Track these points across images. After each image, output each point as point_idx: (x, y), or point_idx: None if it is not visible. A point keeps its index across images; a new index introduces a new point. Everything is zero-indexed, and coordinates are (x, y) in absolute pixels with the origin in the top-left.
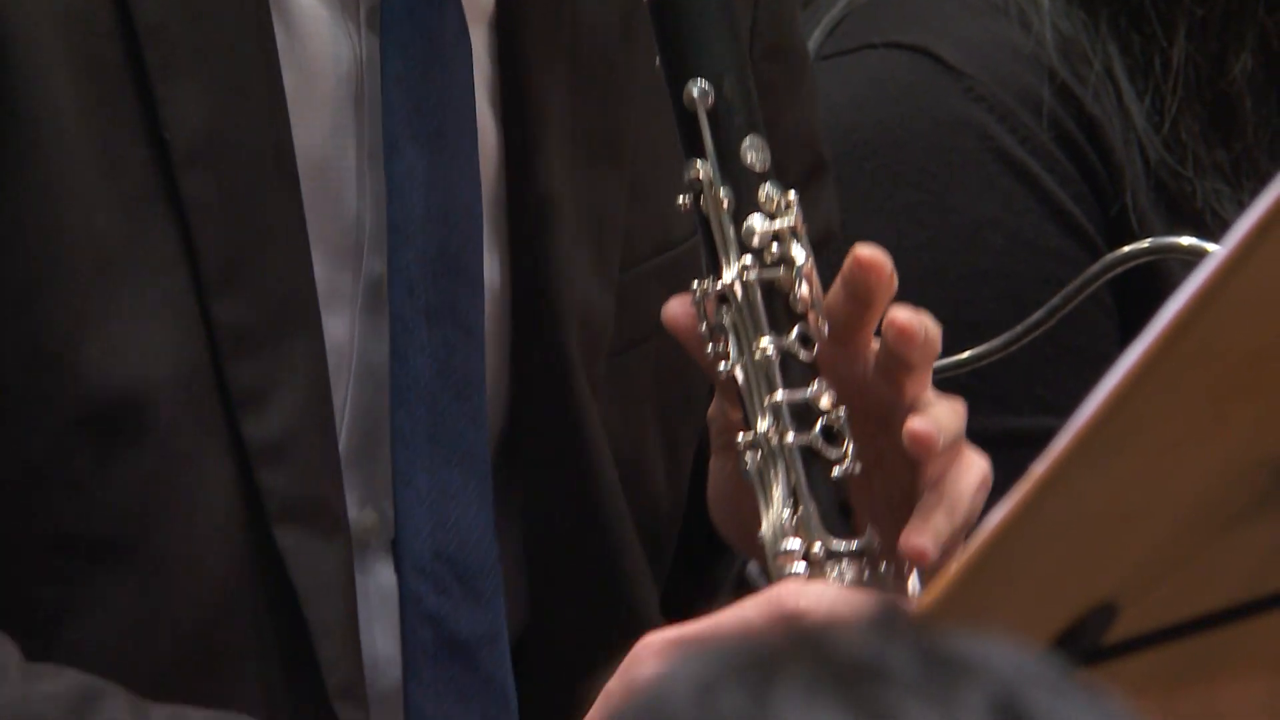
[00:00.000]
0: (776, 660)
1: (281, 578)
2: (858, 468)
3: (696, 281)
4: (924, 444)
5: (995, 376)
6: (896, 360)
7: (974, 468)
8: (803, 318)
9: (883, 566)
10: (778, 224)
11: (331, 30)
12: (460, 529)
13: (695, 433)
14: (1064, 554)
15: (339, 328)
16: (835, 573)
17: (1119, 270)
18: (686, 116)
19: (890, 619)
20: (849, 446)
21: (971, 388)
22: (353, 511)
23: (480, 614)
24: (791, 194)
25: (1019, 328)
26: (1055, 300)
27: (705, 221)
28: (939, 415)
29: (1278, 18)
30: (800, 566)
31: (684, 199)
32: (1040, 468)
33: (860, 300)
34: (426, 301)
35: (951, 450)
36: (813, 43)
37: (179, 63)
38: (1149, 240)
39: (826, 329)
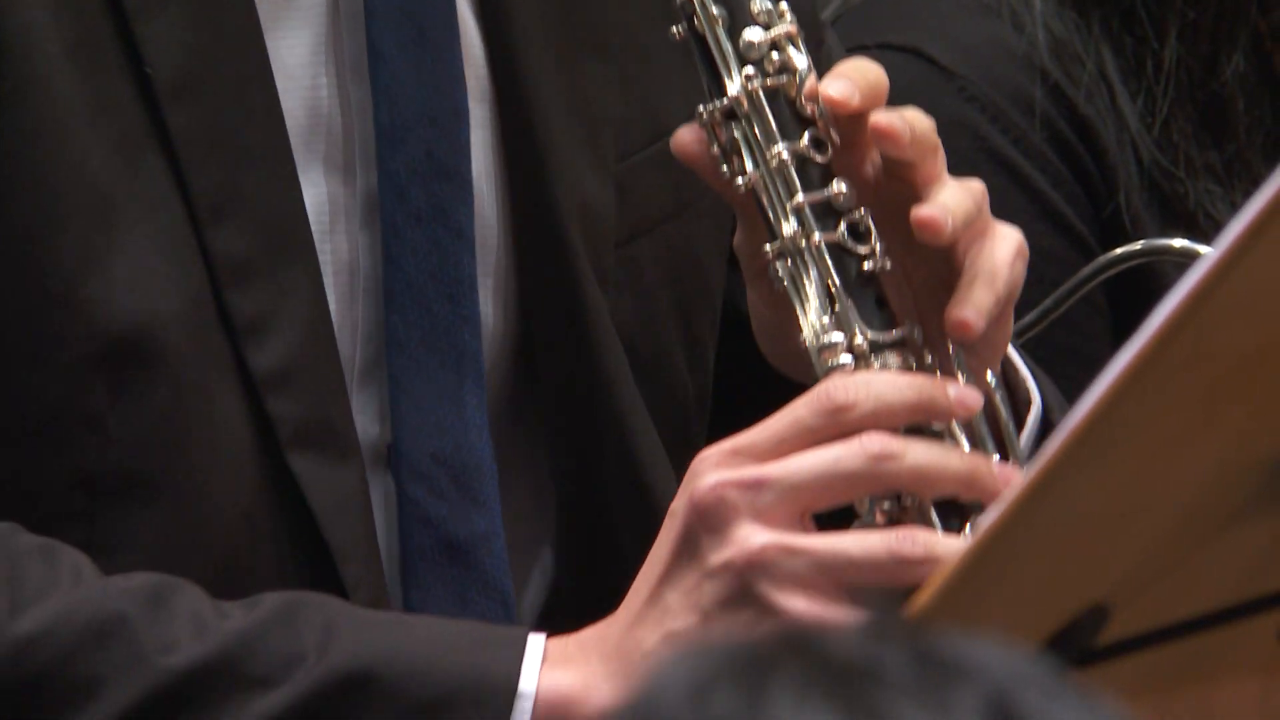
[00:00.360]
0: (770, 661)
1: (299, 503)
2: (888, 263)
3: (701, 105)
4: (931, 228)
5: None
6: (895, 159)
7: (1007, 239)
8: (812, 122)
9: (927, 357)
10: (774, 32)
11: None
12: (456, 432)
13: (714, 322)
14: (1056, 556)
15: (343, 247)
16: (880, 364)
17: (1112, 272)
18: None
19: (884, 621)
20: (876, 241)
21: None
22: (372, 429)
23: (478, 515)
24: (783, 3)
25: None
26: (1048, 302)
27: (701, 42)
28: (946, 198)
29: (1270, 19)
30: (846, 358)
31: (676, 29)
32: (1033, 470)
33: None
34: (416, 205)
35: (978, 226)
36: None
37: (158, 2)
38: (1142, 242)
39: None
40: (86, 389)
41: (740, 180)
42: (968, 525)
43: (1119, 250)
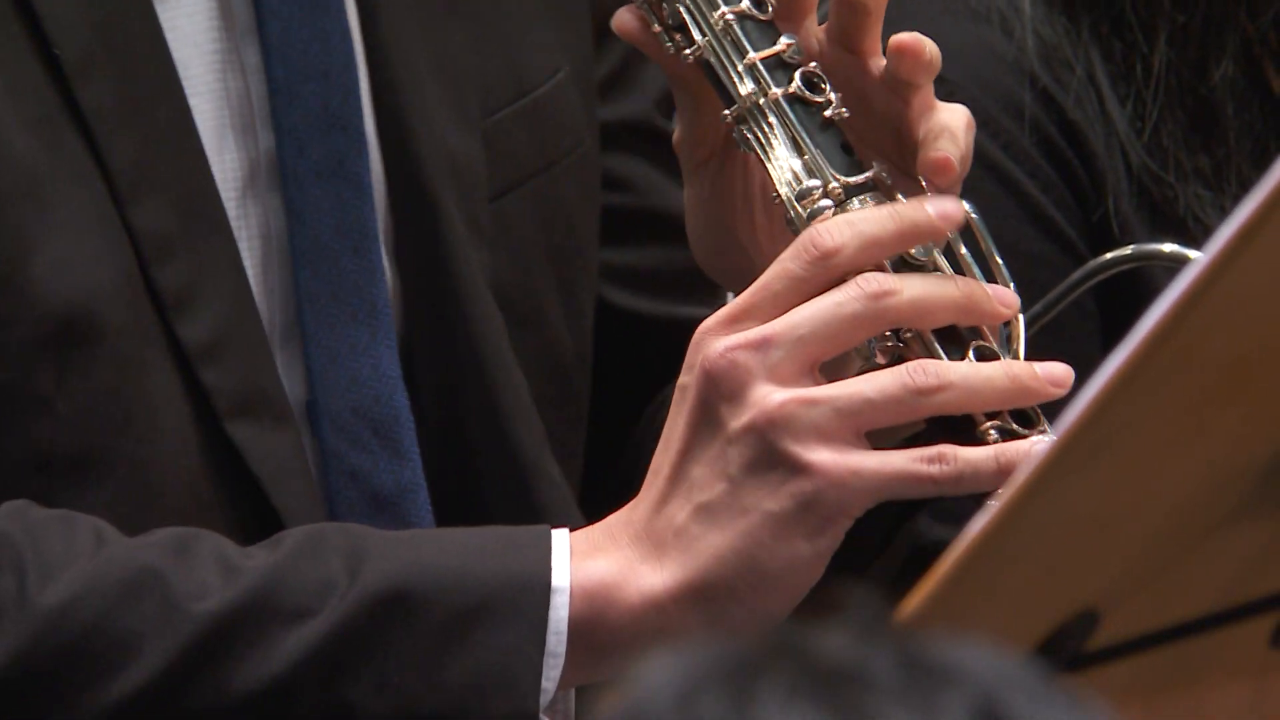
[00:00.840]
0: (758, 665)
1: (244, 471)
2: (845, 110)
3: None
4: (943, 171)
5: None
6: (902, 78)
7: (957, 110)
8: None
9: (899, 197)
10: None
11: None
12: (373, 384)
13: (591, 276)
14: (1046, 560)
15: (254, 211)
16: (859, 205)
17: (1102, 277)
18: None
19: (871, 624)
20: (830, 91)
21: None
22: (297, 390)
23: (399, 466)
24: None
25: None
26: (1038, 306)
27: None
28: (945, 137)
29: (1259, 24)
30: (826, 203)
31: None
32: (1022, 474)
33: (859, 8)
34: (316, 160)
35: (926, 99)
36: None
37: None
38: (1131, 247)
39: None
40: (35, 371)
41: (689, 51)
42: (969, 352)
43: (1109, 255)
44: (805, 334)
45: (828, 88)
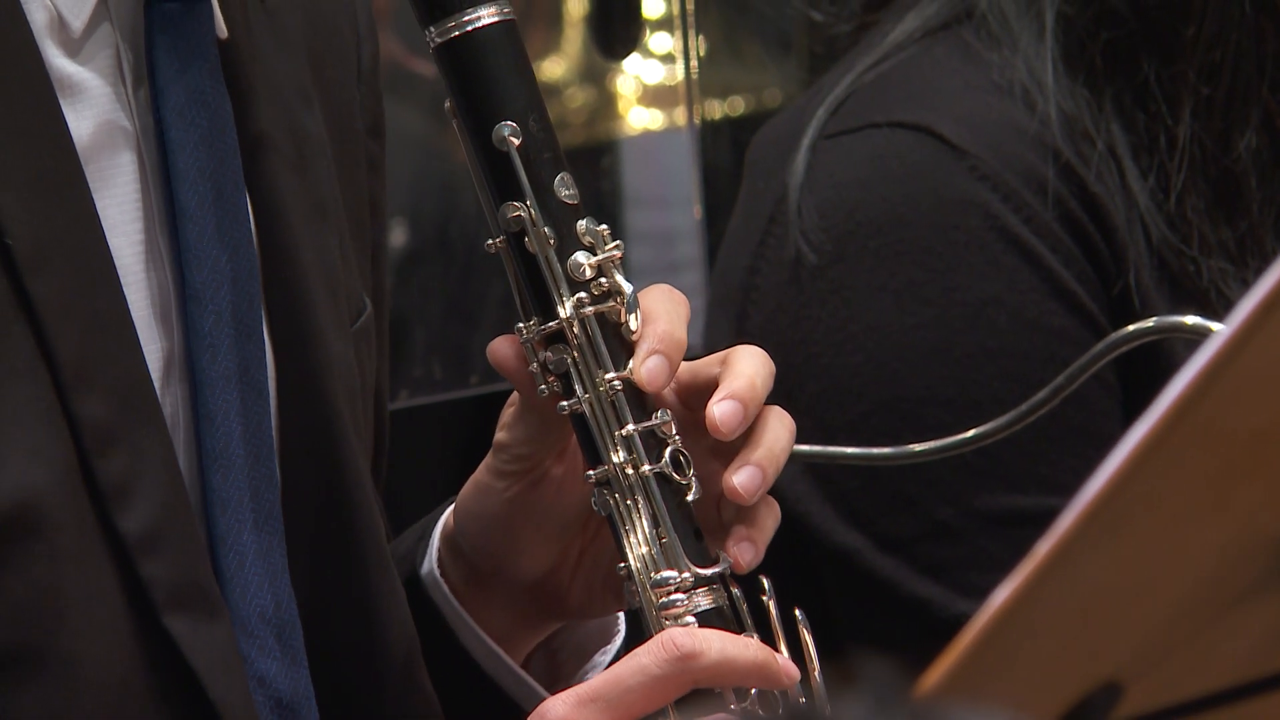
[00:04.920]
0: None
1: (180, 664)
2: (700, 491)
3: (521, 323)
4: (742, 498)
5: (999, 455)
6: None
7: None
8: (633, 349)
9: (735, 591)
10: (601, 256)
11: (111, 104)
12: (274, 589)
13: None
14: (1068, 633)
15: (170, 404)
16: (703, 596)
17: (1123, 349)
18: (497, 158)
19: (889, 697)
20: (692, 472)
21: (975, 467)
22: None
23: (296, 673)
24: (604, 226)
25: (1023, 407)
26: (1059, 379)
27: (530, 262)
28: (759, 450)
29: None
30: (680, 597)
31: (495, 241)
32: (1044, 547)
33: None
34: (225, 365)
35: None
36: (816, 121)
37: (7, 172)
38: (1154, 319)
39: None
40: None
41: (565, 404)
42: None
43: (1131, 327)
44: (615, 696)
45: (690, 470)
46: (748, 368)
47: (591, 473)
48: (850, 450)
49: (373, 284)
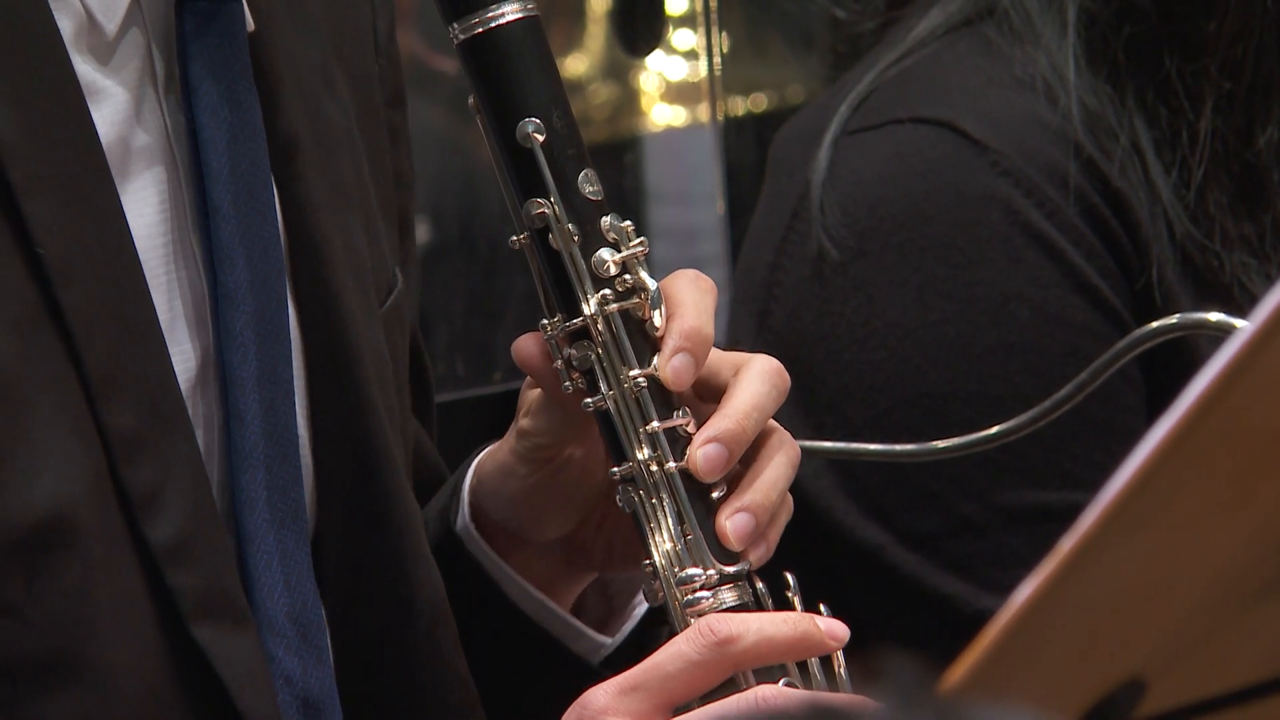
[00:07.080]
0: None
1: (208, 673)
2: (724, 489)
3: (545, 320)
4: (732, 544)
5: (1022, 451)
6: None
7: (785, 443)
8: (659, 344)
9: (760, 586)
10: (625, 253)
11: (140, 108)
12: (300, 589)
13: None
14: (1092, 629)
15: (204, 409)
16: (728, 593)
17: (1147, 345)
18: (521, 154)
19: (916, 695)
20: None
21: (999, 462)
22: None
23: (322, 672)
24: (628, 222)
25: (1046, 403)
26: (1083, 375)
27: (554, 258)
28: (757, 489)
29: None
30: (704, 594)
31: (519, 238)
32: (1068, 543)
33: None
34: (255, 366)
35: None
36: (839, 117)
37: (39, 180)
38: (1177, 316)
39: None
40: (4, 578)
41: (590, 400)
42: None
43: (1155, 324)
44: (657, 684)
45: None
46: (746, 400)
47: (616, 470)
48: (873, 446)
49: (402, 253)
